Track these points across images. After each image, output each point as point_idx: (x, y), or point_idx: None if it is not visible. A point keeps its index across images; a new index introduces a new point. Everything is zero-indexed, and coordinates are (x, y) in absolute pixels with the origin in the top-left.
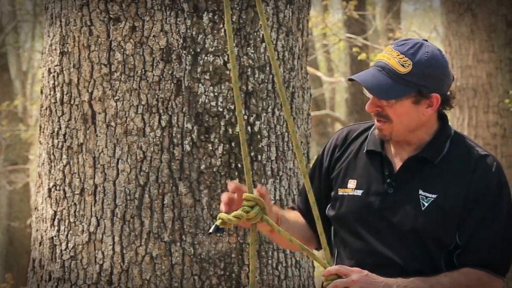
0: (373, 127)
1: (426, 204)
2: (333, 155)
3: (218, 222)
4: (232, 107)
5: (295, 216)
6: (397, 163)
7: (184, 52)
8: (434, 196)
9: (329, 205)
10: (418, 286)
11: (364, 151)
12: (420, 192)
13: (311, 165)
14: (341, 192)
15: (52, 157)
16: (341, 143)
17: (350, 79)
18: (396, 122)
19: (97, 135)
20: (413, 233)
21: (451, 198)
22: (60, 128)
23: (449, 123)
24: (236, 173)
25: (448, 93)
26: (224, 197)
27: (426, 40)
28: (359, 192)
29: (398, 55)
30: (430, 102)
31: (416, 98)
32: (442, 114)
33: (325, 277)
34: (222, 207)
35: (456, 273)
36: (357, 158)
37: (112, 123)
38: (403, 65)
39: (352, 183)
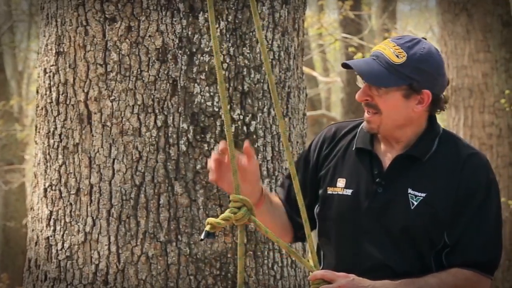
0: (362, 124)
1: (415, 203)
2: (320, 152)
3: (207, 228)
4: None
5: (277, 201)
6: (386, 162)
7: (179, 52)
8: (423, 194)
9: (317, 205)
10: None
11: (353, 149)
12: (409, 190)
13: None
14: (330, 191)
15: (47, 157)
16: (329, 140)
17: (344, 64)
18: (385, 114)
19: (93, 135)
20: (403, 233)
21: (440, 197)
22: (55, 128)
23: (438, 122)
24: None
25: (441, 96)
26: (211, 163)
27: (425, 39)
28: (348, 192)
29: (394, 46)
30: (421, 98)
31: (407, 92)
32: (432, 115)
33: (311, 281)
34: (211, 176)
35: (444, 273)
36: (346, 156)
37: (108, 123)
38: (397, 56)
39: (341, 182)
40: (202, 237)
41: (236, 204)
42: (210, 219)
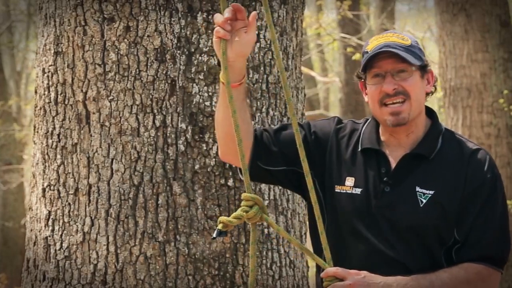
0: (366, 125)
1: (424, 201)
2: (326, 141)
3: (220, 226)
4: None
5: (249, 116)
6: (393, 161)
7: (178, 52)
8: (431, 192)
9: (324, 201)
10: (418, 283)
11: (359, 150)
12: (417, 189)
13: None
14: (338, 189)
15: (46, 157)
16: (334, 133)
17: (369, 59)
18: (413, 97)
19: (91, 135)
20: (412, 231)
21: (448, 194)
22: (54, 128)
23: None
24: (230, 173)
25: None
26: (220, 17)
27: None
28: (357, 191)
29: (393, 35)
30: (428, 77)
31: (421, 72)
32: (430, 111)
33: (323, 278)
34: (221, 30)
35: (455, 268)
36: (353, 156)
37: (107, 123)
38: (403, 39)
39: (350, 181)
40: (214, 235)
41: (248, 203)
42: (222, 218)
